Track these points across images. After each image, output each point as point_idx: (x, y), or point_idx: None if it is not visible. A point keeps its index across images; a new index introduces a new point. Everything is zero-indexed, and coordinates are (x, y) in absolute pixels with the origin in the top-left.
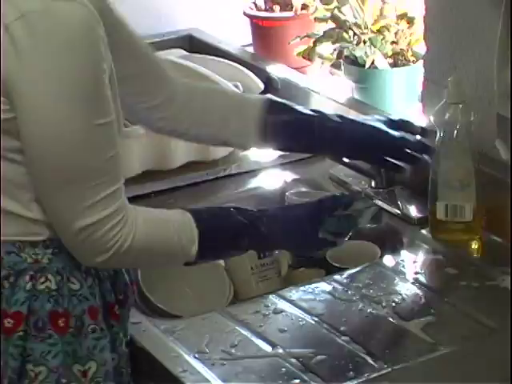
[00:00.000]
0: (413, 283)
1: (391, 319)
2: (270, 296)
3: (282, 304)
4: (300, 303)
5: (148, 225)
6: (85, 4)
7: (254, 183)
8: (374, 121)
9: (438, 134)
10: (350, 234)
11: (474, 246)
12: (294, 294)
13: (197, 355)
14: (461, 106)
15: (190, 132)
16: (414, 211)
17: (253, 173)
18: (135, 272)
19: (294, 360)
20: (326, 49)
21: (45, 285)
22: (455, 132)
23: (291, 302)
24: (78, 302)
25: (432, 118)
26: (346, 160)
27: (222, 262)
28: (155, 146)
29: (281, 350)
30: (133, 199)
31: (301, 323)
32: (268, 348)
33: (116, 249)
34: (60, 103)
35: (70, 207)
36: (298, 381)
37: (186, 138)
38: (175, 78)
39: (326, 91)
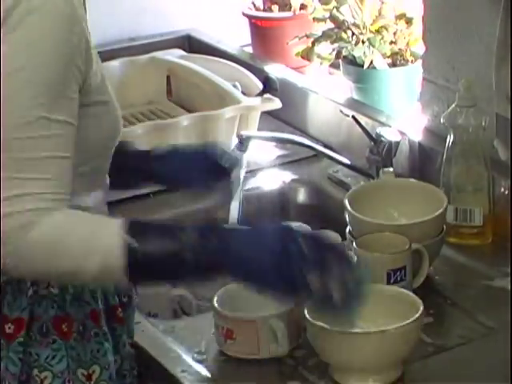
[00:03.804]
0: None
1: None
2: None
3: None
4: None
5: (58, 233)
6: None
7: (253, 183)
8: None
9: (449, 138)
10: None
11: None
12: None
13: (196, 355)
14: (472, 109)
15: None
16: None
17: (252, 173)
18: None
19: (292, 361)
20: (325, 49)
21: (47, 290)
22: (467, 136)
23: None
24: (80, 306)
25: (443, 121)
26: (345, 161)
27: None
28: (154, 146)
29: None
30: (132, 200)
31: None
32: None
33: (14, 254)
34: (24, 83)
35: None
36: (297, 381)
37: None
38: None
39: (325, 91)
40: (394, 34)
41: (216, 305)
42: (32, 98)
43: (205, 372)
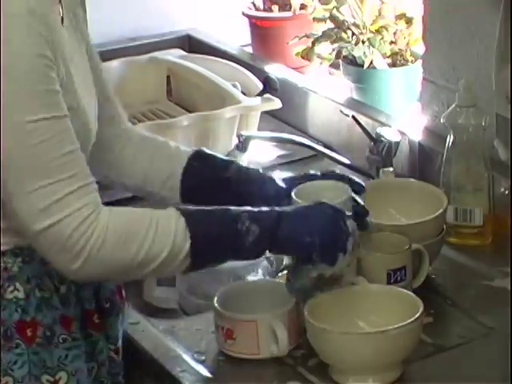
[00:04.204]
0: None
1: None
2: None
3: None
4: None
5: (121, 219)
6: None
7: None
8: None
9: (449, 138)
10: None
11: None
12: None
13: (196, 355)
14: (472, 109)
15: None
16: None
17: None
18: None
19: (292, 360)
20: (325, 49)
21: (13, 294)
22: (467, 136)
23: None
24: (48, 311)
25: (443, 121)
26: (345, 161)
27: None
28: None
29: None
30: (133, 199)
31: None
32: None
33: (88, 251)
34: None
35: (26, 210)
36: (297, 381)
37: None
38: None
39: (325, 91)
40: (394, 34)
41: (216, 305)
42: (27, 104)
43: (205, 372)
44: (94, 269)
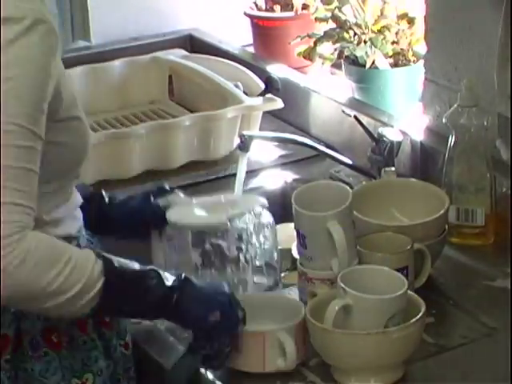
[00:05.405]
0: None
1: None
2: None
3: None
4: None
5: (45, 245)
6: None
7: (254, 183)
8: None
9: (451, 138)
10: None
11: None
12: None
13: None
14: (474, 109)
15: None
16: None
17: (253, 173)
18: None
19: None
20: (327, 49)
21: None
22: (469, 135)
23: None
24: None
25: (445, 121)
26: (347, 161)
27: None
28: (156, 146)
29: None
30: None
31: None
32: None
33: (4, 266)
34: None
35: None
36: (298, 381)
37: None
38: None
39: (327, 91)
40: (396, 33)
41: None
42: (17, 107)
43: (205, 372)
44: (4, 286)
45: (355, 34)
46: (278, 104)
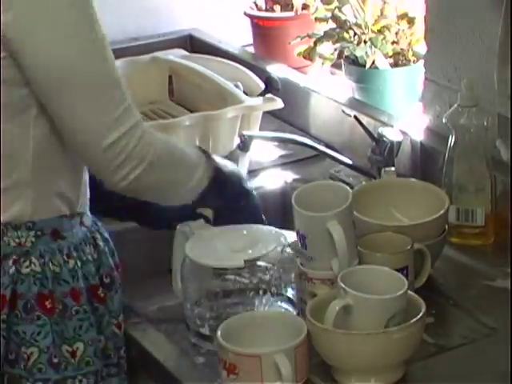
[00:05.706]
0: None
1: None
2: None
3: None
4: None
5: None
6: None
7: (254, 183)
8: None
9: (451, 138)
10: None
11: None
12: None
13: (197, 355)
14: (474, 109)
15: None
16: None
17: (253, 172)
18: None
19: None
20: (327, 49)
21: (30, 268)
22: (469, 136)
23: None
24: (60, 284)
25: (445, 121)
26: (347, 161)
27: None
28: None
29: None
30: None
31: None
32: None
33: (149, 159)
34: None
35: (97, 123)
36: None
37: None
38: None
39: (327, 91)
40: (396, 33)
41: (219, 337)
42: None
43: (205, 372)
44: (149, 178)
45: (355, 33)
46: (278, 104)
